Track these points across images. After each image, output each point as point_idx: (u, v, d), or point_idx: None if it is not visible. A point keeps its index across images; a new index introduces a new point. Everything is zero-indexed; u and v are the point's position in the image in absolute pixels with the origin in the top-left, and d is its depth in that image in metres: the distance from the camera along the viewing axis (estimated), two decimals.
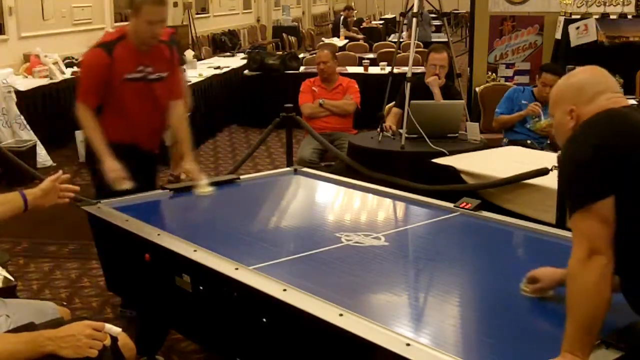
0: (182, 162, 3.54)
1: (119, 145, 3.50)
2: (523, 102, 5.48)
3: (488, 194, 3.81)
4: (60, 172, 2.66)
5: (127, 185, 3.35)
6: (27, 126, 7.14)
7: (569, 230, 1.99)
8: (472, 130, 5.01)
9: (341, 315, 2.06)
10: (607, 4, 7.58)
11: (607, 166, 1.84)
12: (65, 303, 3.88)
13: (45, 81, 7.95)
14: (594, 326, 1.81)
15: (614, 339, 1.90)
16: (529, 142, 5.26)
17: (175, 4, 13.69)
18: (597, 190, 1.84)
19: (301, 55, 10.79)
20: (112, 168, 3.38)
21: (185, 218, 3.34)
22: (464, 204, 3.19)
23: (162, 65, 3.60)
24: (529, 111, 5.35)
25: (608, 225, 1.83)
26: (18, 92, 7.26)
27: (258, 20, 18.54)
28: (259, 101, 9.12)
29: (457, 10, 21.29)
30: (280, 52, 11.31)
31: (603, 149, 1.86)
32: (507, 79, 7.60)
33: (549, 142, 5.26)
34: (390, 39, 14.38)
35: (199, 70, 9.18)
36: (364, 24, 17.84)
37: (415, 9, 5.50)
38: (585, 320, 1.80)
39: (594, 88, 2.03)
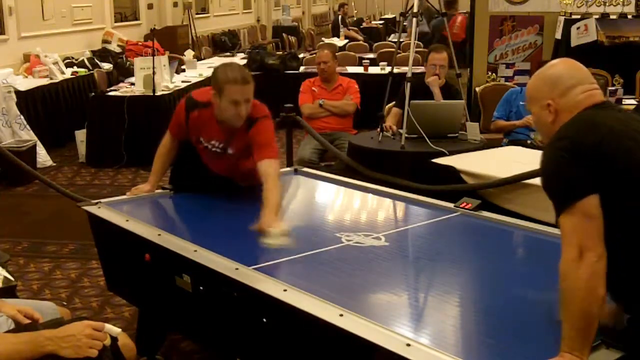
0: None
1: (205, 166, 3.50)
2: (521, 103, 5.48)
3: (488, 194, 3.81)
4: None
5: None
6: (27, 126, 7.13)
7: None
8: (472, 130, 5.01)
9: (341, 315, 2.06)
10: (607, 4, 7.55)
11: (586, 166, 1.84)
12: (65, 303, 3.89)
13: (45, 81, 7.94)
14: (590, 324, 1.79)
15: (614, 339, 1.90)
16: (529, 142, 5.27)
17: (175, 4, 13.69)
18: (578, 188, 1.84)
19: (301, 55, 10.78)
20: (138, 190, 3.51)
21: (185, 218, 3.34)
22: (464, 204, 3.19)
23: (232, 143, 3.38)
24: (524, 123, 5.37)
25: (595, 221, 1.83)
26: (18, 92, 7.25)
27: (258, 20, 18.52)
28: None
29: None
30: (280, 52, 11.30)
31: (580, 150, 1.87)
32: (507, 79, 7.58)
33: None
34: (390, 39, 14.36)
35: (199, 70, 9.18)
36: (364, 24, 17.82)
37: (415, 9, 5.50)
38: (580, 319, 1.79)
39: (568, 81, 2.04)
